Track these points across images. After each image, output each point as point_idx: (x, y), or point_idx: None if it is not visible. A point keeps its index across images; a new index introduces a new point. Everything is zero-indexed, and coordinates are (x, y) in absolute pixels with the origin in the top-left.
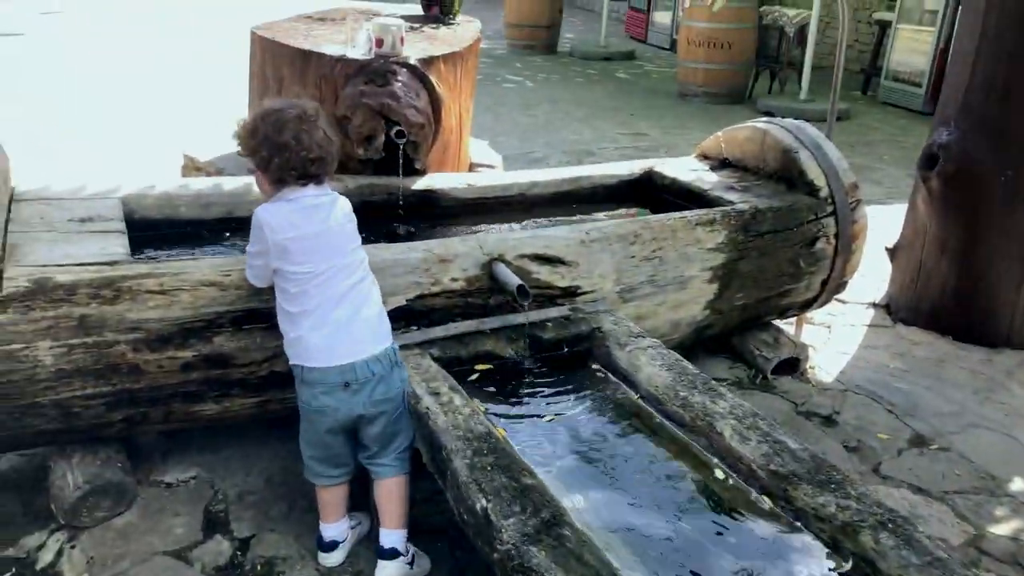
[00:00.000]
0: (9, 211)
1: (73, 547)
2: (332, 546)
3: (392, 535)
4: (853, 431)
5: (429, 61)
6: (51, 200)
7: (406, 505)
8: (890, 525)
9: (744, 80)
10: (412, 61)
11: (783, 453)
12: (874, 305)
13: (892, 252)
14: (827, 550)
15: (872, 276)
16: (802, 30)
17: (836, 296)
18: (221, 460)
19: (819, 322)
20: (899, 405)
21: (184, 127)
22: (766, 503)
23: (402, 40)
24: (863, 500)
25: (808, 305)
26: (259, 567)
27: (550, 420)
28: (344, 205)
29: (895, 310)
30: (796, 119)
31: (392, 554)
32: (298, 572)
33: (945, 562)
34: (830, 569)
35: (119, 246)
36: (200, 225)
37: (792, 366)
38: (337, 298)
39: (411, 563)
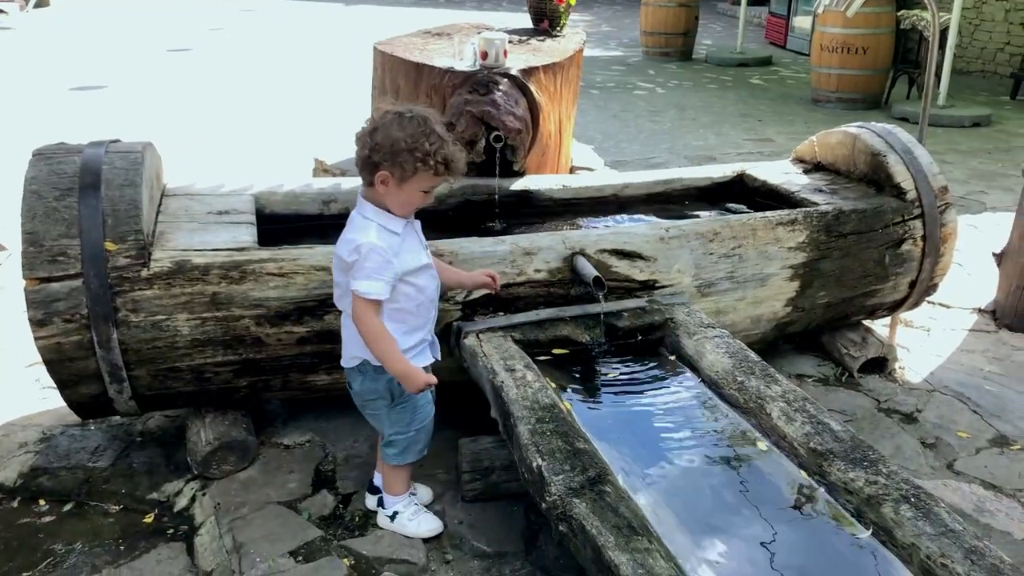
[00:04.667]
0: (160, 204)
1: (204, 494)
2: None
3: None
4: (932, 428)
5: (529, 71)
6: (194, 195)
7: (389, 483)
8: (912, 499)
9: (880, 86)
10: (513, 72)
11: (824, 433)
12: (979, 311)
13: (999, 257)
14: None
15: (984, 282)
16: (942, 33)
17: (931, 299)
18: (333, 428)
19: (918, 325)
20: (986, 407)
21: (317, 133)
22: (801, 475)
23: (505, 52)
24: (892, 477)
25: (897, 306)
26: (357, 518)
27: (614, 378)
28: (351, 232)
29: (1000, 316)
30: (932, 125)
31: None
32: None
33: (958, 533)
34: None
35: (248, 235)
36: (321, 219)
37: (880, 365)
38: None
39: (391, 516)
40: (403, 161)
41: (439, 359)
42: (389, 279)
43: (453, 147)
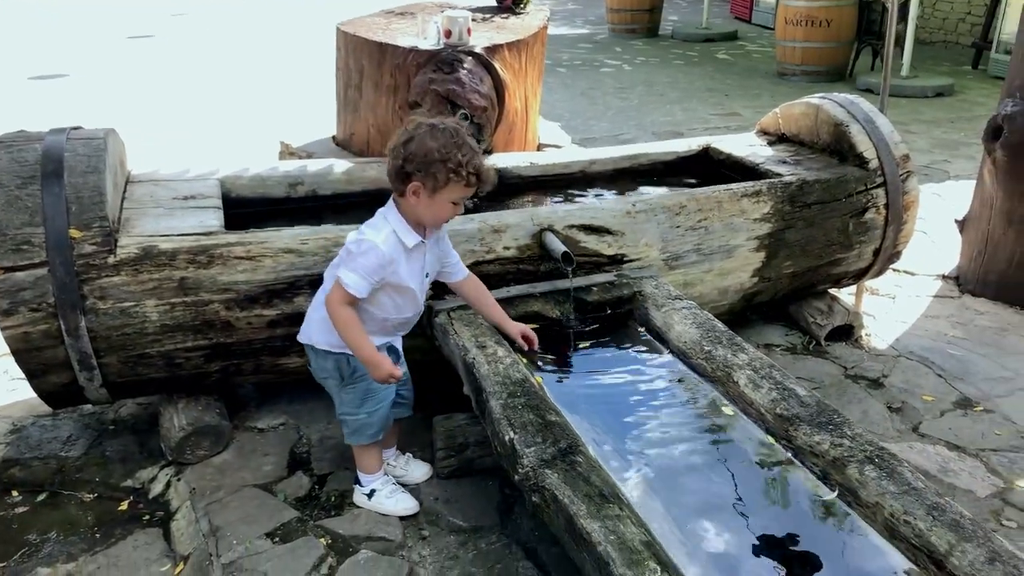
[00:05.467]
0: (125, 191)
1: (179, 480)
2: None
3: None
4: (898, 393)
5: (493, 49)
6: (159, 181)
7: (358, 462)
8: (876, 460)
9: (845, 58)
10: (477, 50)
11: (790, 399)
12: (943, 277)
13: (961, 224)
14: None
15: (948, 249)
16: (904, 4)
17: (894, 266)
18: (307, 410)
19: (884, 293)
20: (950, 370)
21: (282, 117)
22: (768, 440)
23: (468, 31)
24: (857, 439)
25: (862, 274)
26: (333, 498)
27: (584, 351)
28: (367, 225)
29: (963, 282)
30: (896, 95)
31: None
32: None
33: (920, 491)
34: (816, 496)
35: (214, 219)
36: (288, 202)
37: (847, 333)
38: None
39: (368, 495)
40: (436, 171)
41: (402, 370)
42: (374, 282)
43: (483, 158)
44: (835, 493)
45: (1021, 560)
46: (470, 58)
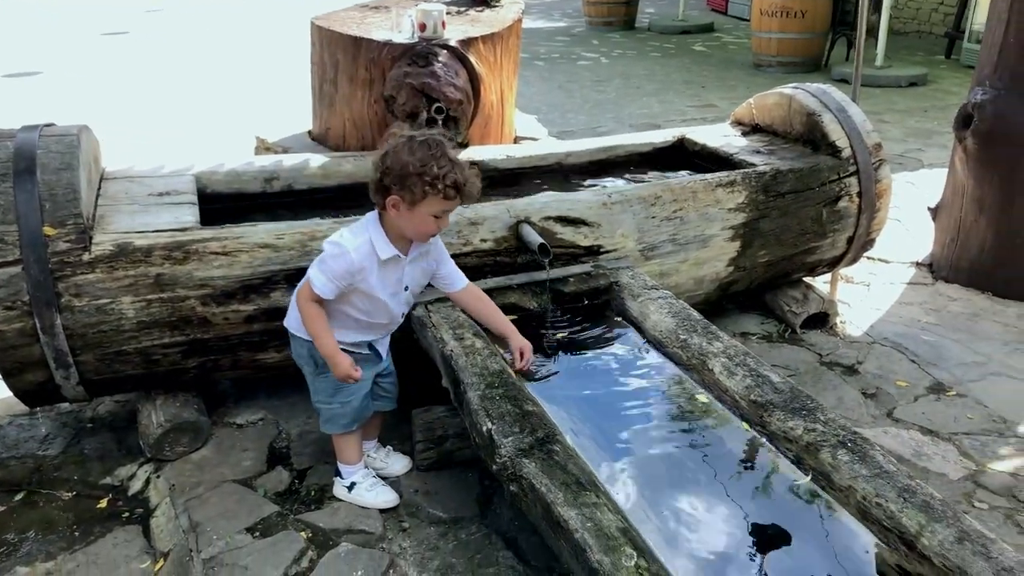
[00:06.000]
0: (99, 188)
1: (158, 476)
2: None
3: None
4: (873, 379)
5: (468, 42)
6: (134, 178)
7: (338, 452)
8: (849, 444)
9: (820, 48)
10: (452, 43)
11: (764, 385)
12: (917, 264)
13: (934, 212)
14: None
15: (921, 237)
16: None
17: (868, 254)
18: (286, 405)
19: (859, 280)
20: (923, 356)
21: (258, 112)
22: (743, 426)
23: (443, 24)
24: (829, 424)
25: (837, 262)
26: (312, 493)
27: (561, 341)
28: (347, 227)
29: (937, 269)
30: (870, 85)
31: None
32: None
33: (892, 474)
34: (792, 481)
35: (190, 215)
36: (264, 197)
37: (822, 321)
38: None
39: (348, 487)
40: (412, 185)
41: (383, 364)
42: (340, 286)
43: (468, 171)
44: (809, 477)
45: (989, 539)
46: (445, 51)
